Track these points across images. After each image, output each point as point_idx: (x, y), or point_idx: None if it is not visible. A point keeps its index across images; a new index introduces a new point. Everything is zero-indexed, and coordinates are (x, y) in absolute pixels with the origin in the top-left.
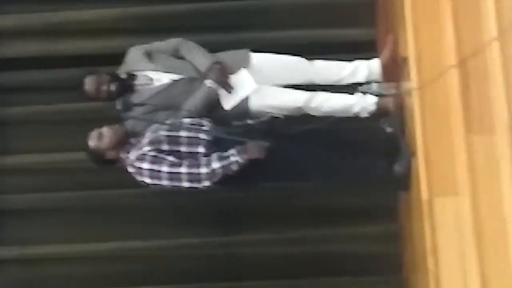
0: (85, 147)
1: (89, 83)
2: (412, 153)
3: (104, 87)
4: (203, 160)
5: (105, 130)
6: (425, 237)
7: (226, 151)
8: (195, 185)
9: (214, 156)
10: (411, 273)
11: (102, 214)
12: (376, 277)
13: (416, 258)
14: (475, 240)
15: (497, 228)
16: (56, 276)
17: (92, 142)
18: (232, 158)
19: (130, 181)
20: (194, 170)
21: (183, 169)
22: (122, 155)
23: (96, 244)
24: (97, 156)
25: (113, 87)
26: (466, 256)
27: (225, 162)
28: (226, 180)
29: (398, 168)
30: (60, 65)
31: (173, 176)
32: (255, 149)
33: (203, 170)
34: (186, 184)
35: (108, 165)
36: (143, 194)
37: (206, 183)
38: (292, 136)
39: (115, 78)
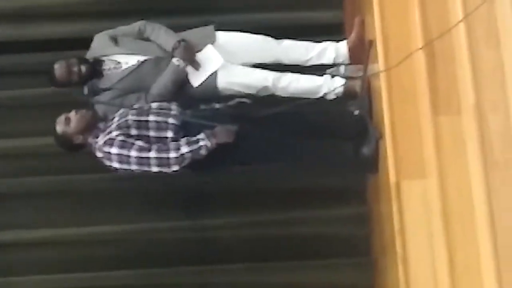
0: (53, 132)
1: (59, 68)
2: (379, 136)
3: (75, 69)
4: (172, 144)
5: (72, 114)
6: (393, 219)
7: (194, 136)
8: (164, 169)
9: (183, 140)
10: (380, 255)
11: (72, 199)
12: (345, 259)
13: (384, 241)
14: (443, 222)
15: (465, 210)
16: (27, 261)
17: (59, 127)
18: (201, 143)
19: (100, 166)
20: (163, 155)
21: (152, 154)
22: (90, 140)
23: (66, 229)
24: (65, 141)
25: (83, 69)
26: (434, 238)
27: (194, 147)
28: (194, 164)
29: (365, 150)
30: (28, 50)
31: (142, 160)
32: (224, 133)
33: (172, 154)
34: (155, 169)
35: (75, 151)
36: (114, 178)
37: (175, 168)
38: (259, 120)
39: (84, 60)
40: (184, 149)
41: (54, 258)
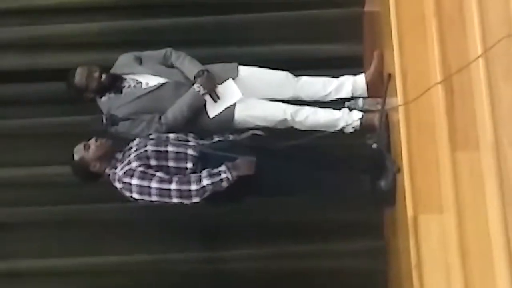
0: (70, 160)
1: (80, 71)
2: (397, 170)
3: (96, 75)
4: (193, 177)
5: (92, 141)
6: (410, 253)
7: (213, 167)
8: (185, 201)
9: (204, 172)
10: None
11: (85, 229)
12: None
13: (401, 275)
14: (460, 257)
15: (482, 245)
16: None
17: (77, 153)
18: (223, 175)
19: (113, 196)
20: (184, 187)
21: (173, 186)
22: (108, 171)
23: (79, 259)
24: (81, 168)
25: (103, 77)
26: (451, 273)
27: (215, 179)
28: (211, 198)
29: (383, 184)
30: (43, 79)
31: (163, 192)
32: (245, 165)
33: (194, 187)
34: (175, 200)
35: (90, 180)
36: (127, 208)
37: (196, 200)
38: (277, 152)
39: (105, 70)
40: (206, 181)
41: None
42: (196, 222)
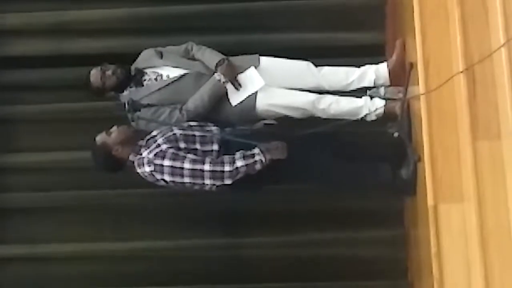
0: (92, 144)
1: (94, 72)
2: (418, 158)
3: (109, 72)
4: (227, 158)
5: (114, 128)
6: (430, 242)
7: (234, 153)
8: (217, 182)
9: (238, 154)
10: (416, 278)
11: (107, 214)
12: (381, 281)
13: (421, 264)
14: (480, 247)
15: (503, 234)
16: (60, 275)
17: (99, 139)
18: (257, 157)
19: (135, 182)
20: (218, 168)
21: (206, 167)
22: (132, 157)
23: (100, 244)
24: (104, 153)
25: (119, 74)
26: (471, 262)
27: (249, 161)
28: (237, 183)
29: (404, 173)
30: (66, 64)
31: (195, 173)
32: (279, 149)
33: (227, 168)
34: (208, 182)
35: (112, 167)
36: (148, 194)
37: (228, 181)
38: (298, 140)
39: (121, 66)
40: (239, 163)
41: (87, 272)
42: (218, 208)
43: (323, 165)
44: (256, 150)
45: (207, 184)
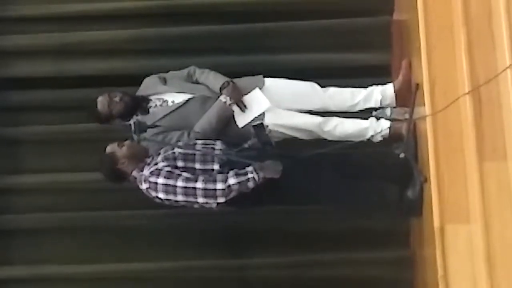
0: (101, 152)
1: (101, 99)
2: (424, 179)
3: (116, 99)
4: (219, 176)
5: (128, 141)
6: (437, 263)
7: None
8: (210, 201)
9: (231, 172)
10: None
11: (111, 235)
12: None
13: (427, 285)
14: (486, 268)
15: (509, 255)
16: None
17: (110, 147)
18: (249, 175)
19: (139, 202)
20: (210, 186)
21: (198, 184)
22: (135, 173)
23: (104, 265)
24: (110, 162)
25: (126, 100)
26: (478, 283)
27: (241, 179)
28: (236, 201)
29: (410, 194)
30: (71, 85)
31: (188, 191)
32: (272, 168)
33: (219, 186)
34: (200, 200)
35: (114, 179)
36: (153, 215)
37: (221, 200)
38: (304, 160)
39: (127, 94)
40: (232, 181)
41: None
42: (224, 229)
43: (329, 186)
44: (250, 168)
45: (200, 203)
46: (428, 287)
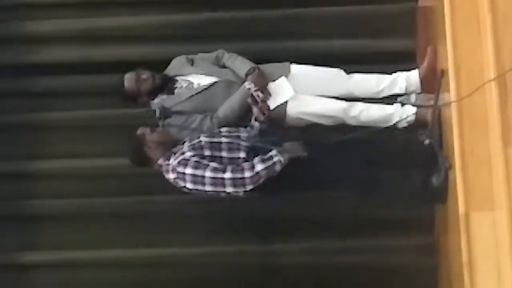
0: (132, 136)
1: (128, 77)
2: (449, 166)
3: (144, 76)
4: (246, 164)
5: (160, 128)
6: (461, 251)
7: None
8: (239, 189)
9: (256, 159)
10: (447, 287)
11: (137, 221)
12: None
13: (452, 272)
14: (511, 254)
15: None
16: (90, 282)
17: (142, 130)
18: (275, 159)
19: (164, 188)
20: (238, 175)
21: (227, 175)
22: (161, 161)
23: (130, 251)
24: (138, 144)
25: (154, 79)
26: (502, 270)
27: (268, 163)
28: (262, 188)
29: (435, 180)
30: (97, 71)
31: (216, 181)
32: (295, 147)
33: (248, 174)
34: (229, 189)
35: (138, 161)
36: (178, 200)
37: (250, 187)
38: (329, 147)
39: (155, 73)
40: (259, 167)
41: (117, 279)
42: (249, 215)
43: (354, 173)
44: (274, 152)
45: (230, 192)
46: (453, 274)
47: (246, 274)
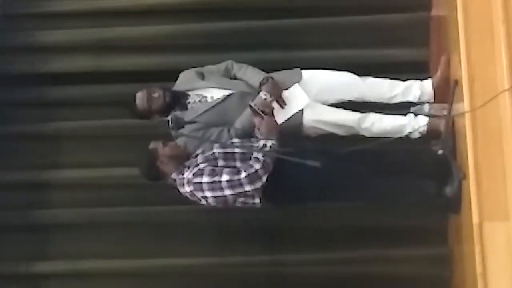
0: (144, 147)
1: (140, 95)
2: (463, 176)
3: (156, 95)
4: (252, 160)
5: (173, 142)
6: (475, 261)
7: (278, 172)
8: (257, 184)
9: (254, 153)
10: None
11: (149, 230)
12: None
13: (466, 283)
14: None
15: None
16: None
17: (154, 144)
18: (268, 143)
19: (176, 198)
20: (251, 170)
21: (242, 175)
22: (175, 175)
23: (141, 261)
24: (149, 158)
25: (166, 96)
26: None
27: (264, 150)
28: (276, 199)
29: (448, 190)
30: (109, 81)
31: (233, 183)
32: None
33: (257, 165)
34: (248, 188)
35: (149, 175)
36: (191, 210)
37: (265, 177)
38: (343, 157)
39: (167, 89)
40: (261, 157)
41: None
42: (258, 225)
43: (367, 183)
44: (256, 144)
45: (249, 191)
46: (467, 285)
47: (253, 284)
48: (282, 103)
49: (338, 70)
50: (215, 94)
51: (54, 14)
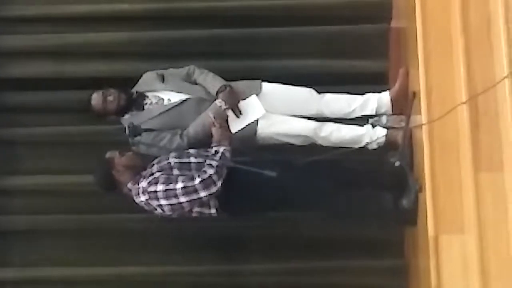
0: (100, 157)
1: (96, 96)
2: (419, 188)
3: (111, 98)
4: (206, 166)
5: (130, 153)
6: (431, 273)
7: (233, 179)
8: (212, 189)
9: (207, 162)
10: None
11: (104, 238)
12: None
13: None
14: (480, 279)
15: (503, 267)
16: None
17: (110, 154)
18: (220, 149)
19: (133, 206)
20: (205, 176)
21: (196, 181)
22: (130, 185)
23: (97, 268)
24: (105, 168)
25: (121, 98)
26: None
27: (219, 154)
28: (232, 208)
29: (405, 202)
30: (67, 87)
31: (188, 190)
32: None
33: (211, 170)
34: (203, 194)
35: (105, 185)
36: (148, 219)
37: (219, 182)
38: (299, 167)
39: (122, 90)
40: (214, 163)
41: None
42: (216, 234)
43: (324, 193)
44: (212, 150)
45: (204, 197)
46: None
47: None
48: (237, 112)
49: (297, 80)
50: (173, 97)
51: (13, 18)
